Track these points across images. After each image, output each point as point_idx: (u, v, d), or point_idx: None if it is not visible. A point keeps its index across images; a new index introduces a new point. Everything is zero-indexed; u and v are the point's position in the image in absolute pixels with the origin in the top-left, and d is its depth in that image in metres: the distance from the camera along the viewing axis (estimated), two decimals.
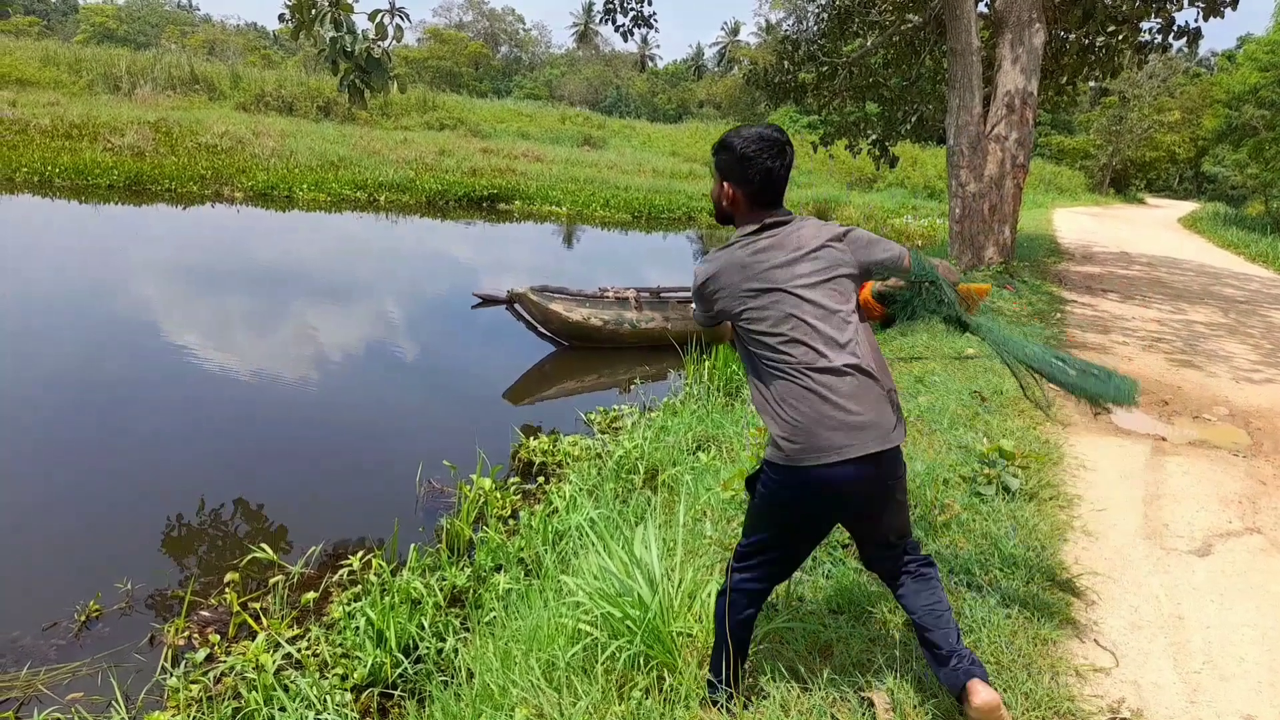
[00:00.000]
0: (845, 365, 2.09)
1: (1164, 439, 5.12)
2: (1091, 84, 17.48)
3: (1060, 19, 12.61)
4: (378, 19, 7.28)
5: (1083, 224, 24.08)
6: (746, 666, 2.45)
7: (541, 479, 5.53)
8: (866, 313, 2.32)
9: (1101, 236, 20.30)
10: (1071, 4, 12.45)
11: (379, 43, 7.29)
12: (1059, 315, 8.84)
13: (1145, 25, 13.01)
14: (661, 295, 10.20)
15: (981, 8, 11.43)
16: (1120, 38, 13.01)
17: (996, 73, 10.33)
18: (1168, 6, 12.43)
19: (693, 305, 2.37)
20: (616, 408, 6.99)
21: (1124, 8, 12.60)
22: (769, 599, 2.69)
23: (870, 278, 2.31)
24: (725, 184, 2.25)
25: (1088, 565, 3.38)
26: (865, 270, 2.25)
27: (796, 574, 2.85)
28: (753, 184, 2.20)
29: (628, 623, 2.69)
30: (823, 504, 2.17)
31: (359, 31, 7.11)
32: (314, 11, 6.98)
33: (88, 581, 3.98)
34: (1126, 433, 5.19)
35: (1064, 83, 14.57)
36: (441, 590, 3.85)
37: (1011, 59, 10.09)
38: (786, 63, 15.17)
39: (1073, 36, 13.56)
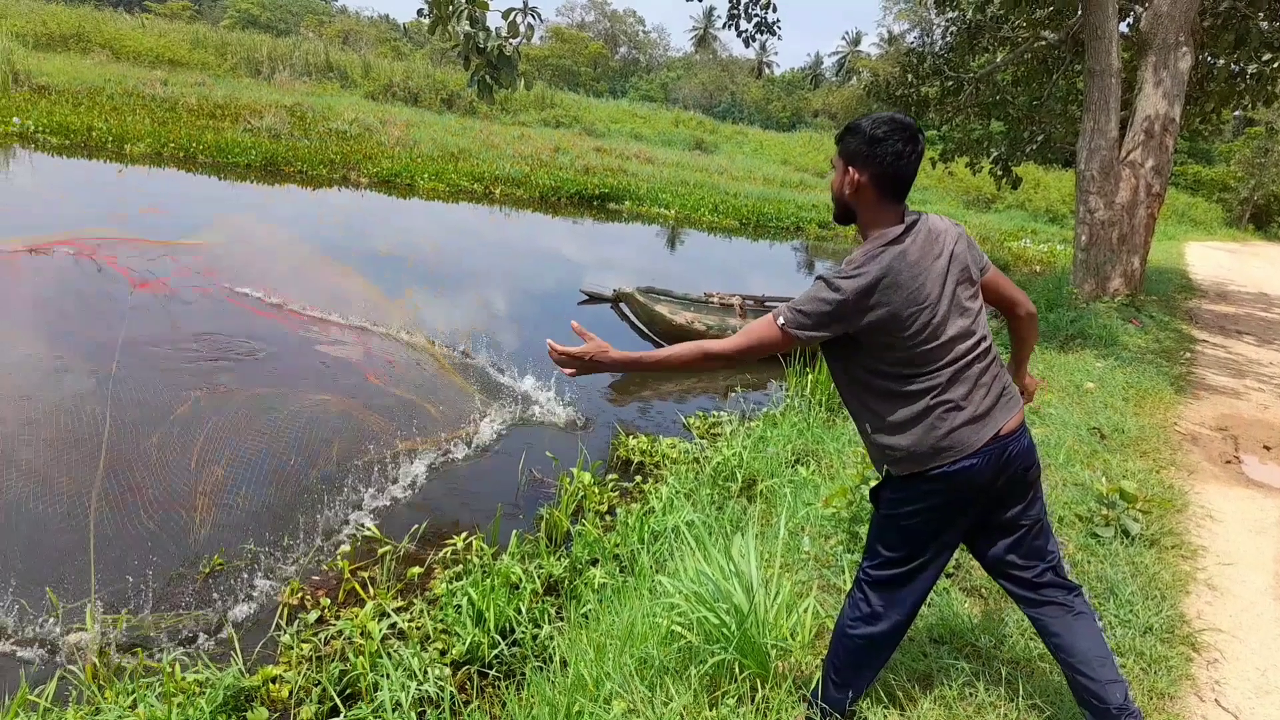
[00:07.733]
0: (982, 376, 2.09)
1: None
2: (1237, 112, 16.49)
3: (1210, 43, 11.95)
4: (510, 17, 7.48)
5: (1218, 260, 22.71)
6: None
7: (639, 478, 5.57)
8: None
9: (1238, 275, 19.09)
10: (1223, 28, 11.77)
11: (510, 40, 7.49)
12: (1188, 355, 8.37)
13: None
14: (766, 304, 10.13)
15: (1123, 27, 10.92)
16: (1275, 65, 12.22)
17: (1136, 96, 9.85)
18: None
19: (788, 310, 2.04)
20: (716, 413, 6.98)
21: None
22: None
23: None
24: (850, 169, 2.07)
25: (1211, 620, 3.21)
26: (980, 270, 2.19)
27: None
28: (882, 167, 2.03)
29: (723, 629, 2.69)
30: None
31: (492, 29, 7.33)
32: (451, 8, 7.21)
33: (211, 536, 4.23)
34: (1259, 485, 4.88)
35: (1209, 110, 13.80)
36: (539, 578, 3.94)
37: (1154, 82, 9.61)
38: (910, 75, 14.87)
39: (1221, 62, 12.82)
